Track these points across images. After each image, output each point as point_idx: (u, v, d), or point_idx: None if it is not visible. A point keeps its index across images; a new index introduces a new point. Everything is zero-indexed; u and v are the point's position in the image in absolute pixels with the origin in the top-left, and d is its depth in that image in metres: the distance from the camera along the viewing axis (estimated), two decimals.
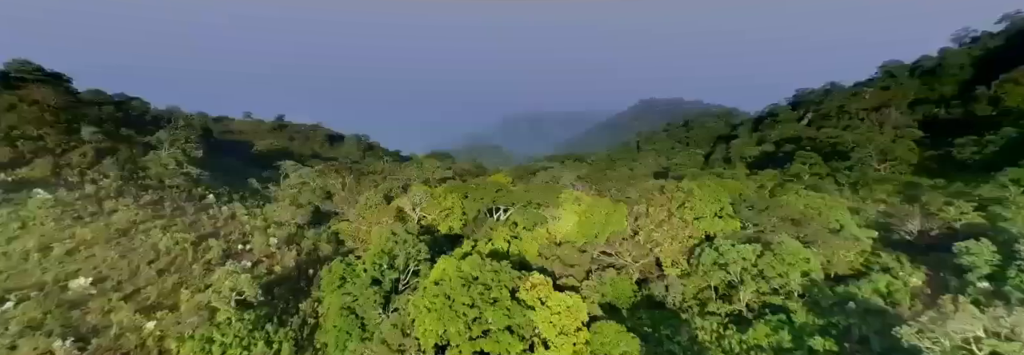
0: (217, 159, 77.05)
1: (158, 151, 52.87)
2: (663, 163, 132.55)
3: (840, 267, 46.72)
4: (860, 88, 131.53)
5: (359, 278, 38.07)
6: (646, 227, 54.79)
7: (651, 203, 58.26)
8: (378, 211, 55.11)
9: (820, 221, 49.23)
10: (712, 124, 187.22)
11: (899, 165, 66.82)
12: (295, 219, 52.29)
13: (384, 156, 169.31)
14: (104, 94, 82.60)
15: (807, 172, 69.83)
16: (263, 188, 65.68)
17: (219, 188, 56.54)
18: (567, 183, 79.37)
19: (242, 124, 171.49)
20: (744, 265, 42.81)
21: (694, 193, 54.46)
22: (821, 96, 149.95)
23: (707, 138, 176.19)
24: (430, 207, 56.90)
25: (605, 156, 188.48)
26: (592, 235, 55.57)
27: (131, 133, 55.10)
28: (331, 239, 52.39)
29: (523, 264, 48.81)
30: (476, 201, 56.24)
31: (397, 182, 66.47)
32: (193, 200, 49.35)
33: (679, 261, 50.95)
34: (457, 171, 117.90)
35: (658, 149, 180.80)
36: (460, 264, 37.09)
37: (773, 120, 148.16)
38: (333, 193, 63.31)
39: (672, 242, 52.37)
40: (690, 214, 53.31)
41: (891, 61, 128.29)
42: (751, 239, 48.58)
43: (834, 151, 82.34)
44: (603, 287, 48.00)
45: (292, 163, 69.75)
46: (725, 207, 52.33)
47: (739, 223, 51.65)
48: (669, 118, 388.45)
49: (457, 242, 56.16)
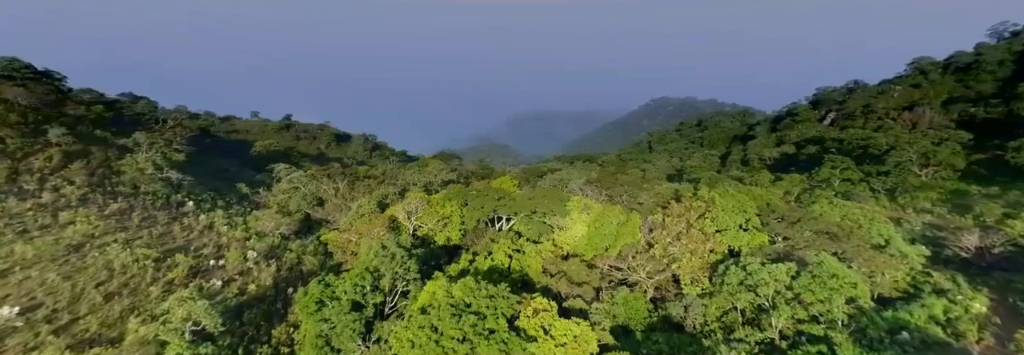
0: (210, 161, 73.22)
1: (135, 154, 48.84)
2: (676, 164, 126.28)
3: (883, 287, 40.85)
4: (887, 86, 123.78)
5: (338, 302, 33.36)
6: (662, 240, 49.29)
7: (667, 213, 52.74)
8: (370, 220, 50.46)
9: (860, 235, 43.30)
10: (727, 124, 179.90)
11: (942, 170, 60.28)
12: (279, 229, 47.85)
13: (390, 156, 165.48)
14: (97, 93, 79.29)
15: (837, 177, 63.55)
16: (253, 193, 61.46)
17: (202, 194, 52.31)
18: (575, 187, 74.11)
19: (249, 124, 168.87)
20: (777, 287, 37.19)
21: (716, 202, 48.87)
22: (844, 95, 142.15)
23: (722, 138, 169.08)
24: (427, 215, 52.10)
25: (615, 157, 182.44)
26: (602, 248, 50.28)
27: (106, 135, 51.18)
28: (318, 251, 47.86)
29: (525, 282, 43.79)
30: (476, 210, 51.28)
31: (394, 188, 61.77)
32: (169, 208, 45.10)
33: (700, 279, 45.40)
34: (462, 173, 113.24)
35: (671, 149, 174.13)
36: (451, 288, 32.16)
37: (792, 120, 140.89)
38: (325, 199, 58.87)
39: (691, 257, 46.83)
40: (711, 226, 47.74)
41: (921, 57, 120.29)
42: (782, 256, 42.89)
43: (865, 154, 75.68)
44: (615, 308, 42.73)
45: (285, 166, 65.44)
46: (751, 219, 46.65)
47: (767, 237, 45.94)
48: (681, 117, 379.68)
49: (455, 254, 51.34)
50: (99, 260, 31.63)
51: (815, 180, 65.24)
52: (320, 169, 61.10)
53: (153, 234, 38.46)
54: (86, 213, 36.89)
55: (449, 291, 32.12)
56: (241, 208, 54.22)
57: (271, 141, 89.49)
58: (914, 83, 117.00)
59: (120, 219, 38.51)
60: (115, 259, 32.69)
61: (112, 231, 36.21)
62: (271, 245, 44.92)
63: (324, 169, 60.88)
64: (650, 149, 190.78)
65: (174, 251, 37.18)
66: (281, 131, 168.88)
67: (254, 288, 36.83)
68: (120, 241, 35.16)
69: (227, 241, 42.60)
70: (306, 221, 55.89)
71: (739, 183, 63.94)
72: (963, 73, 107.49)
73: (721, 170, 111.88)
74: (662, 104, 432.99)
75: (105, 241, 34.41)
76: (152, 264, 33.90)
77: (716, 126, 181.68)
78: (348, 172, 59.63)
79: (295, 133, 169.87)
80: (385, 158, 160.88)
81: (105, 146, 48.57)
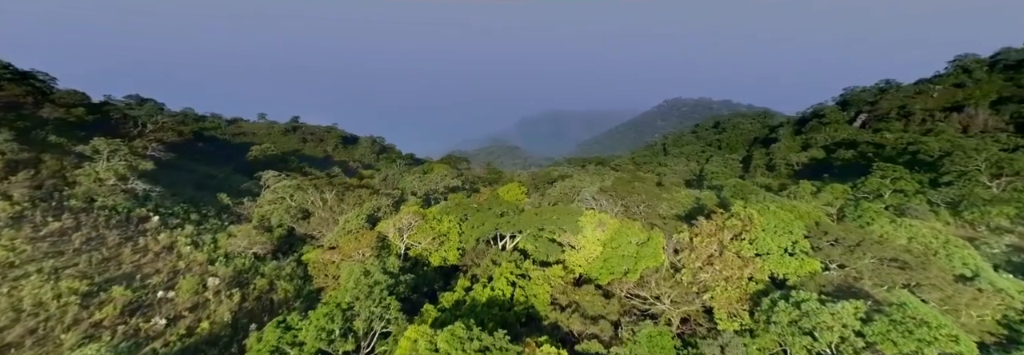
0: (198, 167, 67.57)
1: (94, 163, 43.00)
2: (694, 169, 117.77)
3: (973, 330, 32.80)
4: (925, 85, 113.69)
5: (300, 350, 26.70)
6: (690, 263, 41.69)
7: (695, 231, 45.09)
8: (357, 238, 43.86)
9: (938, 264, 35.25)
10: (747, 125, 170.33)
11: (1019, 181, 51.52)
12: (253, 248, 41.47)
13: (397, 159, 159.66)
14: (81, 95, 74.30)
15: (888, 188, 55.15)
16: (236, 204, 55.40)
17: (174, 207, 46.27)
18: (588, 196, 66.80)
19: (255, 126, 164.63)
20: (843, 333, 29.49)
21: (754, 221, 41.15)
22: (875, 95, 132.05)
23: (742, 141, 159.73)
24: (421, 232, 45.34)
25: (629, 159, 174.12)
26: (621, 271, 42.96)
27: (63, 141, 45.52)
28: (296, 274, 41.38)
29: (531, 317, 36.64)
30: (476, 227, 44.38)
31: (388, 199, 55.10)
32: (126, 225, 39.01)
33: (738, 312, 37.73)
34: (468, 178, 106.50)
35: (687, 152, 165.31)
36: (436, 337, 25.28)
37: (819, 122, 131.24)
38: (312, 212, 52.50)
39: (726, 285, 39.22)
40: (750, 249, 40.05)
41: (964, 55, 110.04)
42: (842, 289, 35.09)
43: (914, 160, 66.83)
44: (638, 348, 35.43)
45: (273, 174, 59.30)
46: (799, 241, 38.84)
47: (819, 264, 38.09)
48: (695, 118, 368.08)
49: (452, 275, 44.52)
50: (4, 299, 25.47)
51: (861, 191, 56.89)
52: (306, 179, 54.88)
53: (93, 260, 32.27)
54: (12, 235, 30.86)
55: (433, 340, 25.24)
56: (217, 222, 48.06)
57: (268, 145, 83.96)
58: (957, 82, 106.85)
59: (56, 242, 32.40)
60: (29, 295, 26.48)
61: (40, 258, 30.08)
62: (239, 269, 38.52)
63: (311, 178, 54.62)
64: (665, 152, 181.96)
65: (114, 281, 30.91)
66: (288, 133, 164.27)
67: (206, 327, 30.36)
68: (45, 270, 28.99)
69: (187, 265, 36.28)
70: (289, 237, 49.56)
71: (774, 194, 55.85)
72: (1014, 71, 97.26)
73: (744, 176, 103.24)
74: (675, 105, 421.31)
75: (26, 271, 28.30)
76: (77, 300, 27.60)
77: (735, 128, 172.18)
78: (337, 182, 53.33)
79: (302, 135, 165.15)
80: (392, 161, 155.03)
81: (61, 154, 42.82)
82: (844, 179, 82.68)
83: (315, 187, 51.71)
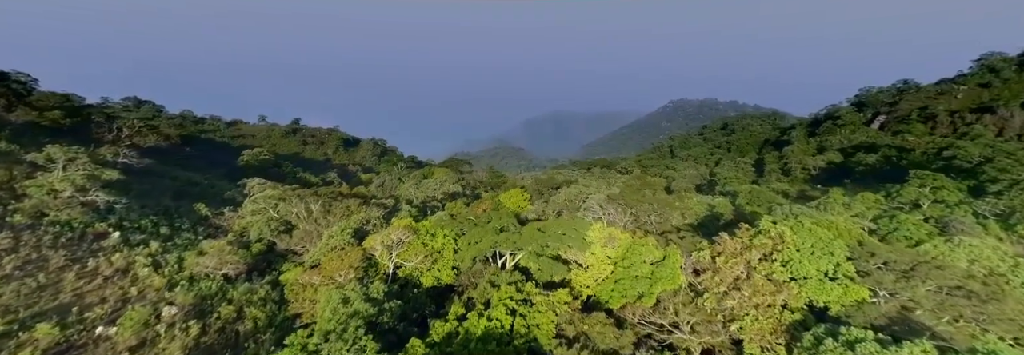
0: (181, 174, 62.91)
1: (49, 173, 38.33)
2: (704, 173, 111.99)
3: None
4: (948, 85, 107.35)
5: None
6: (714, 287, 36.33)
7: (717, 249, 39.66)
8: (341, 256, 38.90)
9: (1014, 294, 29.73)
10: (757, 127, 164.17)
11: None
12: (223, 269, 36.59)
13: (398, 162, 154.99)
14: (62, 97, 69.96)
15: (927, 198, 49.49)
16: (216, 214, 50.63)
17: (141, 220, 41.53)
18: (595, 204, 61.63)
19: (255, 128, 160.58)
20: None
21: (786, 239, 35.73)
22: (892, 95, 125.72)
23: (752, 143, 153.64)
24: (412, 249, 40.32)
25: (635, 162, 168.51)
26: (634, 295, 37.68)
27: (13, 148, 40.92)
28: (270, 298, 36.47)
29: (534, 352, 31.57)
30: (472, 245, 39.31)
31: (379, 210, 50.12)
32: (78, 244, 34.28)
33: (772, 346, 32.36)
34: (470, 183, 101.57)
35: (695, 155, 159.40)
36: None
37: (834, 123, 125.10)
38: (295, 225, 47.60)
39: (757, 314, 33.88)
40: (783, 272, 34.63)
41: (990, 53, 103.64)
42: (898, 323, 29.64)
43: (949, 166, 60.97)
44: None
45: (258, 181, 54.49)
46: (841, 264, 33.40)
47: (867, 292, 32.61)
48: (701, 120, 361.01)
49: (445, 298, 39.39)
50: None
51: (896, 201, 51.24)
52: (290, 188, 50.03)
53: (24, 289, 27.47)
54: None
55: None
56: (190, 237, 43.28)
57: (260, 149, 79.27)
58: (982, 82, 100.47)
59: None
60: None
61: None
62: (204, 293, 33.65)
63: (295, 188, 49.76)
64: (672, 154, 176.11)
65: (43, 316, 26.08)
66: (288, 136, 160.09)
67: None
68: None
69: (140, 292, 31.44)
70: (269, 253, 44.71)
71: (800, 205, 50.35)
72: None
73: (758, 181, 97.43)
74: (681, 105, 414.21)
75: None
76: None
77: (744, 130, 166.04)
78: (322, 192, 48.48)
79: (302, 137, 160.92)
80: (393, 164, 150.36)
81: (10, 163, 38.15)
82: (867, 185, 76.82)
83: (299, 197, 46.80)
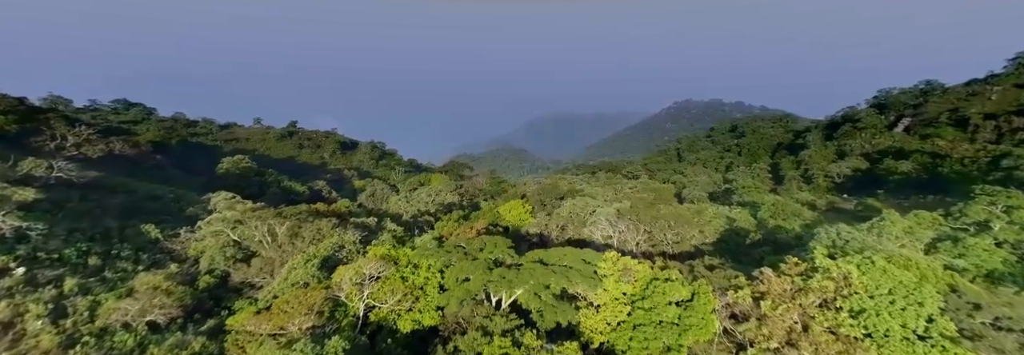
0: (141, 187, 55.75)
1: None
2: (716, 179, 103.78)
3: None
4: (980, 86, 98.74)
5: None
6: (761, 341, 28.64)
7: (759, 288, 31.92)
8: (299, 297, 31.48)
9: None
10: (768, 130, 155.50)
11: None
12: (149, 315, 29.26)
13: (396, 166, 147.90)
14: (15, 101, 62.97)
15: (1000, 219, 41.49)
16: (170, 237, 43.33)
17: (67, 249, 34.35)
18: (603, 220, 54.21)
19: (250, 131, 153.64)
20: None
21: (853, 281, 27.97)
22: (915, 97, 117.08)
23: (763, 146, 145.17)
24: (390, 285, 32.84)
25: (641, 166, 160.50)
26: (658, 348, 30.19)
27: None
28: (206, 353, 29.06)
29: None
30: (459, 285, 31.80)
31: (356, 233, 42.61)
32: None
33: None
34: (468, 190, 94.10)
35: (704, 159, 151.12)
36: None
37: (853, 126, 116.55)
38: (256, 252, 40.21)
39: None
40: (853, 325, 26.78)
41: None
42: None
43: (1009, 178, 52.84)
44: None
45: (226, 196, 47.25)
46: (935, 318, 25.57)
47: None
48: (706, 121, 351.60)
49: (426, 346, 31.96)
50: None
51: (959, 221, 43.25)
52: (254, 208, 42.57)
53: None
54: None
55: None
56: (127, 268, 36.03)
57: (240, 157, 71.97)
58: (1019, 82, 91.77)
59: None
60: None
61: None
62: (118, 350, 26.27)
63: (258, 208, 42.21)
64: (680, 158, 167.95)
65: None
66: (284, 139, 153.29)
67: None
68: None
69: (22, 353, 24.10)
70: (221, 287, 37.39)
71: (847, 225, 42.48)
72: None
73: (777, 189, 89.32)
74: (686, 106, 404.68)
75: None
76: None
77: (755, 133, 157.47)
78: (288, 213, 41.06)
79: (298, 141, 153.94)
80: (390, 169, 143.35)
81: None
82: (903, 196, 68.65)
83: (260, 219, 39.36)
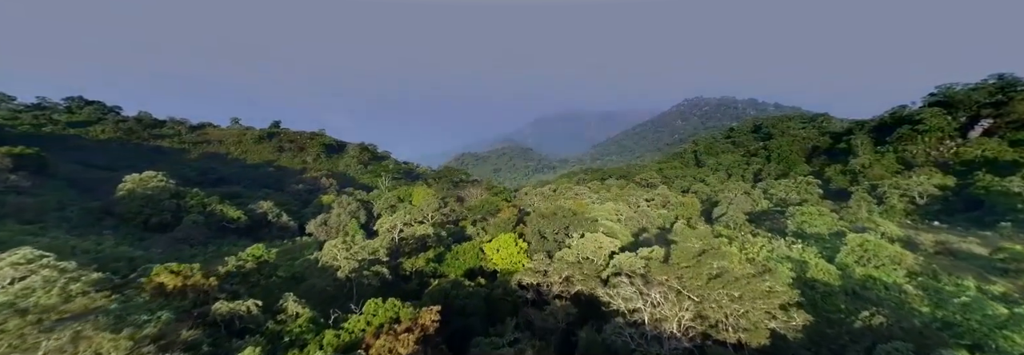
0: None
1: None
2: (756, 197, 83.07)
3: None
4: None
5: None
6: None
7: None
8: None
9: None
10: (799, 131, 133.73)
11: None
12: None
13: (382, 173, 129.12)
14: None
15: None
16: None
17: None
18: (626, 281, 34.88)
19: (224, 132, 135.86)
20: None
21: None
22: (990, 94, 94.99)
23: (796, 150, 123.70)
24: None
25: (656, 170, 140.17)
26: None
27: None
28: None
29: None
30: None
31: (214, 336, 24.05)
32: None
33: None
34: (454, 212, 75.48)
35: (726, 163, 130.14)
36: None
37: (912, 129, 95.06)
38: None
39: None
40: None
41: None
42: None
43: None
44: None
45: (28, 252, 29.10)
46: None
47: None
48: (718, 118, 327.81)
49: None
50: None
51: None
52: (81, 266, 24.67)
53: None
54: None
55: None
56: None
57: (153, 173, 54.02)
58: None
59: None
60: None
61: None
62: None
63: (82, 267, 24.41)
64: (697, 162, 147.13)
65: None
66: (263, 141, 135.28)
67: None
68: None
69: None
70: None
71: None
72: None
73: (839, 210, 68.78)
74: (696, 104, 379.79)
75: None
76: None
77: (784, 134, 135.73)
78: (132, 288, 22.91)
79: (279, 143, 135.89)
80: (378, 176, 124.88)
81: None
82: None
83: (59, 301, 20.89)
